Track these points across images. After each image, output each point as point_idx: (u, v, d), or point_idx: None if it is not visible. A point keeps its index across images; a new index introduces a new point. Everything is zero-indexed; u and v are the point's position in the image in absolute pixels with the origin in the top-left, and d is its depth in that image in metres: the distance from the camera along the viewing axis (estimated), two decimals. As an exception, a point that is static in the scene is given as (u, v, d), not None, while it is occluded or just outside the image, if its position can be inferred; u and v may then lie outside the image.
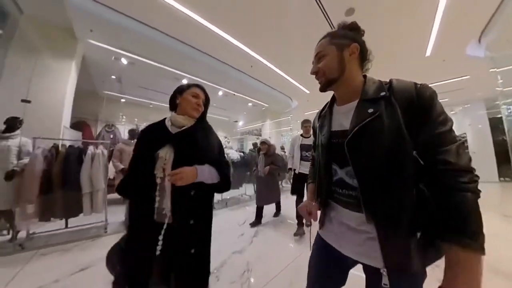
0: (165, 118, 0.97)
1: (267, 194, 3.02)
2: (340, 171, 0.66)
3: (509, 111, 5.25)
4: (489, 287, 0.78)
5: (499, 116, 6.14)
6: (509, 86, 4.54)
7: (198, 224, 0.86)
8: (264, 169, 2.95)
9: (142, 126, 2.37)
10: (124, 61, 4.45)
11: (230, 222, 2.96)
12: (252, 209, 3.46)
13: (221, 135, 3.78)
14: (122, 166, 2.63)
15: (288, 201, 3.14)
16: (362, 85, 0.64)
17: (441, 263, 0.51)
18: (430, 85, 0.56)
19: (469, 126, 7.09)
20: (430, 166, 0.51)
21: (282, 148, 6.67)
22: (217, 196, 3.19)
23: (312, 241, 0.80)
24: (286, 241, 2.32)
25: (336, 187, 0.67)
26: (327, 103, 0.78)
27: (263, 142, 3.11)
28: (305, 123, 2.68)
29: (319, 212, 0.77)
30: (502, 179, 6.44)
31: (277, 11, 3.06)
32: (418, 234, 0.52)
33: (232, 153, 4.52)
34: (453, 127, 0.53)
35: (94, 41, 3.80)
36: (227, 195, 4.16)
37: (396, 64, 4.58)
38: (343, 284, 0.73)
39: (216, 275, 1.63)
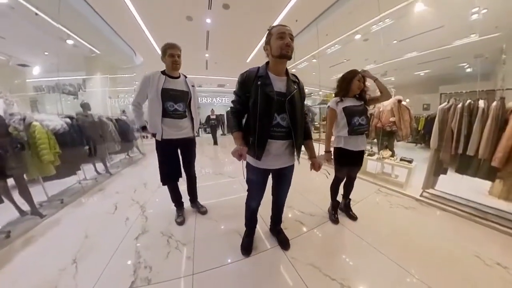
0: None
1: None
2: (278, 117, 1.08)
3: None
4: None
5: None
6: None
7: None
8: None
9: None
10: None
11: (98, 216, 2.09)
12: (102, 194, 2.88)
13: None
14: None
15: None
16: (285, 69, 1.13)
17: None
18: None
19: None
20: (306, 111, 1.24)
21: (123, 112, 5.28)
22: (40, 196, 2.28)
23: (244, 171, 1.23)
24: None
25: (274, 127, 1.08)
26: (256, 69, 1.10)
27: None
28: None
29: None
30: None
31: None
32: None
33: (52, 120, 2.79)
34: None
35: None
36: (59, 187, 2.73)
37: (233, 62, 6.60)
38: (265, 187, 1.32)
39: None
